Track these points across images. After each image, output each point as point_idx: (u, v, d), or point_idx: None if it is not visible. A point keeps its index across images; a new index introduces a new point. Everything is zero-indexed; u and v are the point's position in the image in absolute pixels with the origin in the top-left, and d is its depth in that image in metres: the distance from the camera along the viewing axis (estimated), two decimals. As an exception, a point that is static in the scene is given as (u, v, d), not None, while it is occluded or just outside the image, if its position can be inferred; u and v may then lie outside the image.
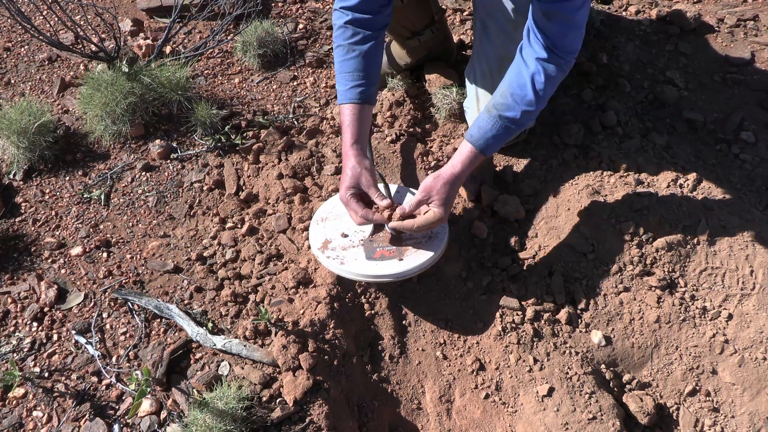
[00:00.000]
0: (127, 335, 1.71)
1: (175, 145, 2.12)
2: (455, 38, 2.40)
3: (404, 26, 2.10)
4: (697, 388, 1.68)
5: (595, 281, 1.75)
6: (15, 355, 1.69)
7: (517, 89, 1.58)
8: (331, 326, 1.67)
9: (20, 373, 1.60)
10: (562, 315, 1.72)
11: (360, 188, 1.64)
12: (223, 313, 1.73)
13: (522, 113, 1.58)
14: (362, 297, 1.76)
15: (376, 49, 1.68)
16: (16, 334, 1.73)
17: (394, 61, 2.26)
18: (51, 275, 1.84)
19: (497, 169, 2.01)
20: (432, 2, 2.11)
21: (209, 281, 1.80)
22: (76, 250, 1.88)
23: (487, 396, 1.67)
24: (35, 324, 1.74)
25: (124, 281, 1.81)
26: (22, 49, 2.53)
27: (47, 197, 2.02)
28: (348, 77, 1.66)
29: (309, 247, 1.80)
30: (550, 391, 1.62)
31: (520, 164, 2.01)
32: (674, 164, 1.97)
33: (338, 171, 1.99)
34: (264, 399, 1.56)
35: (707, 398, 1.68)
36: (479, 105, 1.93)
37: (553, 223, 1.85)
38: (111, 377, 1.64)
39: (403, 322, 1.76)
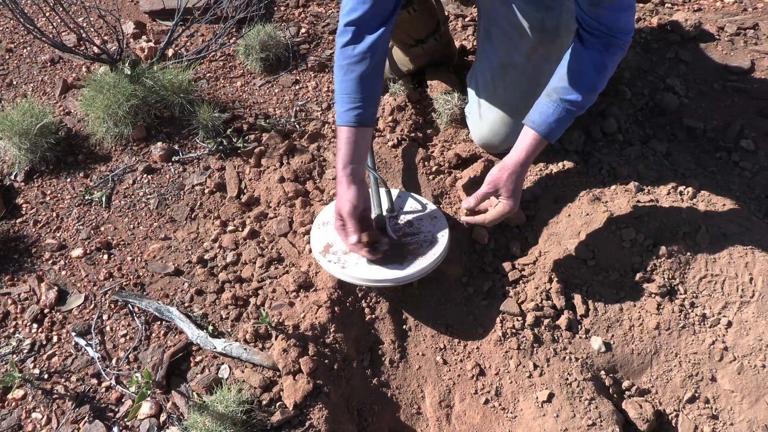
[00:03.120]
0: (128, 337, 1.71)
1: (176, 147, 2.12)
2: (457, 44, 2.41)
3: (409, 35, 2.10)
4: (696, 395, 1.68)
5: (595, 287, 1.76)
6: (14, 356, 1.68)
7: (576, 73, 1.58)
8: (331, 330, 1.67)
9: (20, 375, 1.60)
10: (562, 321, 1.72)
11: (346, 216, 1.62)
12: (224, 316, 1.73)
13: (584, 95, 1.59)
14: (363, 301, 1.76)
15: (375, 70, 1.63)
16: (16, 335, 1.73)
17: (396, 66, 2.26)
18: (51, 277, 1.84)
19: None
20: (438, 11, 2.12)
21: (210, 284, 1.80)
22: (77, 252, 1.88)
23: (486, 401, 1.67)
24: (35, 325, 1.74)
25: (124, 283, 1.81)
26: (25, 51, 2.53)
27: (48, 199, 2.02)
28: (346, 99, 1.61)
29: (310, 251, 1.81)
30: (550, 397, 1.62)
31: (520, 170, 2.02)
32: (674, 171, 1.98)
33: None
34: (264, 402, 1.56)
35: (706, 405, 1.68)
36: (481, 110, 1.94)
37: (554, 230, 1.85)
38: (111, 379, 1.64)
39: (404, 326, 1.76)
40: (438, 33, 2.14)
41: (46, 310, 1.77)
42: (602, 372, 1.69)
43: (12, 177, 2.08)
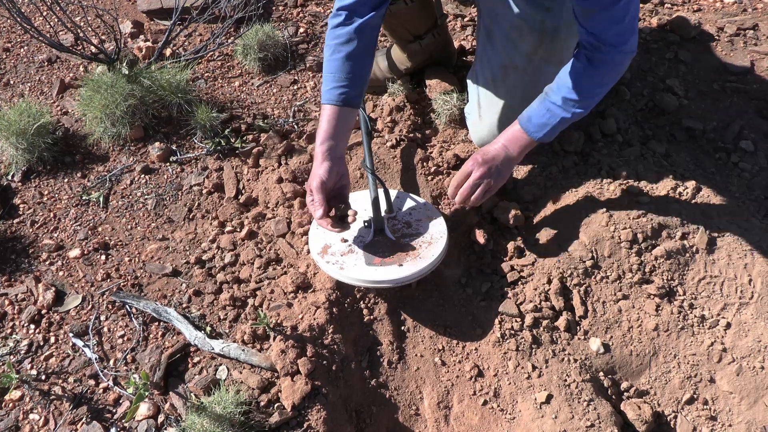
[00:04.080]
0: (125, 338, 1.71)
1: (174, 147, 2.11)
2: (456, 44, 2.40)
3: (407, 29, 2.10)
4: (695, 396, 1.68)
5: (593, 288, 1.76)
6: (12, 357, 1.68)
7: (564, 85, 1.61)
8: (329, 331, 1.67)
9: (17, 376, 1.60)
10: (561, 322, 1.72)
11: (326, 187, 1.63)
12: (222, 317, 1.73)
13: (568, 106, 1.61)
14: (361, 302, 1.76)
15: (363, 52, 1.65)
16: (13, 336, 1.73)
17: (394, 65, 2.26)
18: (49, 277, 1.83)
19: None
20: (436, 6, 2.12)
21: (208, 285, 1.79)
22: (75, 253, 1.88)
23: (485, 402, 1.67)
24: (32, 326, 1.74)
25: (122, 284, 1.80)
26: (22, 50, 2.52)
27: (46, 199, 2.01)
28: (331, 78, 1.64)
29: (308, 252, 1.80)
30: (549, 398, 1.62)
31: (520, 171, 2.02)
32: (673, 172, 1.98)
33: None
34: (262, 404, 1.56)
35: (705, 406, 1.68)
36: (480, 111, 1.93)
37: (553, 230, 1.85)
38: (108, 380, 1.63)
39: (402, 327, 1.75)
40: (436, 29, 2.13)
41: (43, 311, 1.76)
42: (601, 373, 1.69)
43: (9, 177, 2.07)
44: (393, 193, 1.83)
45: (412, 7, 2.01)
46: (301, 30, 2.53)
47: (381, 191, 1.79)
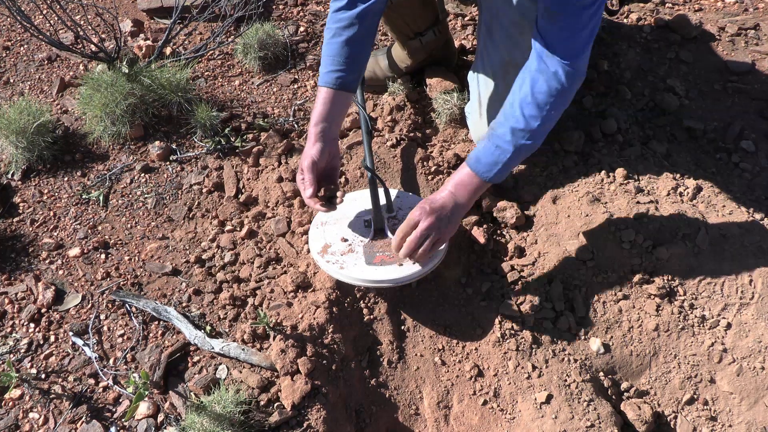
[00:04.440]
0: (125, 337, 1.70)
1: (174, 146, 2.11)
2: (456, 43, 2.40)
3: (407, 23, 2.09)
4: (695, 396, 1.68)
5: (594, 289, 1.75)
6: (12, 356, 1.68)
7: (510, 115, 1.55)
8: (329, 331, 1.67)
9: (17, 375, 1.60)
10: (561, 322, 1.72)
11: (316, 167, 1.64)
12: (222, 317, 1.73)
13: (521, 141, 1.55)
14: (361, 302, 1.76)
15: (363, 38, 1.66)
16: (13, 335, 1.72)
17: (395, 64, 2.26)
18: (49, 276, 1.83)
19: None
20: (438, 4, 2.12)
21: (208, 284, 1.79)
22: (74, 251, 1.88)
23: (485, 402, 1.66)
24: (32, 325, 1.74)
25: (122, 283, 1.80)
26: (22, 48, 2.52)
27: (45, 197, 2.01)
28: (329, 60, 1.65)
29: (308, 251, 1.80)
30: (549, 398, 1.62)
31: (520, 171, 2.01)
32: (674, 172, 1.97)
33: (339, 175, 1.99)
34: (262, 403, 1.56)
35: (705, 407, 1.68)
36: (481, 110, 1.93)
37: (553, 230, 1.85)
38: (108, 379, 1.63)
39: (402, 327, 1.75)
40: (437, 27, 2.13)
41: (43, 310, 1.76)
42: (601, 373, 1.69)
43: (9, 176, 2.07)
44: (393, 193, 1.83)
45: (413, 0, 2.01)
46: (302, 29, 2.53)
47: (381, 190, 1.79)
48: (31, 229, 1.94)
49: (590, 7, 1.47)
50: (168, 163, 2.08)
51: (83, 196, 2.00)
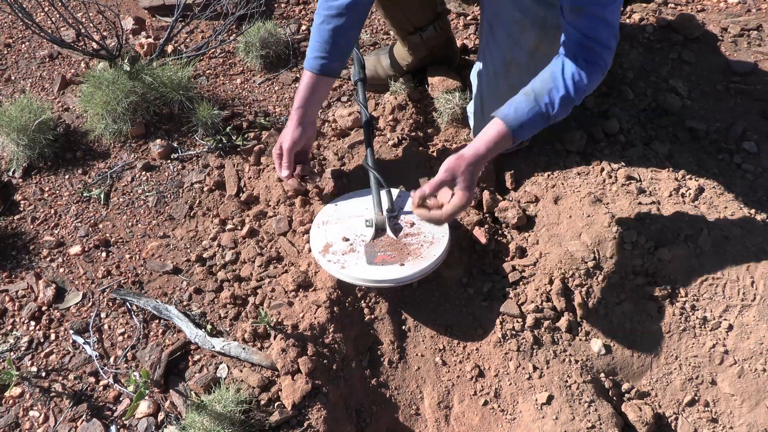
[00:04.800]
0: (125, 336, 1.70)
1: (175, 145, 2.11)
2: (458, 42, 2.40)
3: (407, 17, 2.09)
4: (696, 398, 1.68)
5: (595, 289, 1.75)
6: (12, 354, 1.68)
7: (555, 81, 1.57)
8: (330, 330, 1.66)
9: (17, 373, 1.60)
10: (563, 323, 1.72)
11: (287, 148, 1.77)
12: (222, 315, 1.73)
13: (559, 103, 1.57)
14: (362, 301, 1.76)
15: (350, 29, 1.73)
16: (14, 332, 1.72)
17: (396, 63, 2.25)
18: (49, 274, 1.83)
19: (499, 175, 2.01)
20: (439, 1, 2.12)
21: (208, 283, 1.79)
22: (75, 249, 1.87)
23: (485, 403, 1.66)
24: (33, 323, 1.73)
25: (122, 281, 1.80)
26: (23, 46, 2.52)
27: (46, 195, 2.01)
28: (316, 46, 1.72)
29: (310, 251, 1.80)
30: (549, 399, 1.62)
31: (521, 171, 2.01)
32: (676, 173, 1.97)
33: (341, 174, 1.99)
34: (262, 402, 1.55)
35: (706, 409, 1.67)
36: (483, 109, 1.92)
37: (555, 231, 1.85)
38: (108, 378, 1.63)
39: (403, 327, 1.75)
40: (437, 22, 2.13)
41: (43, 308, 1.76)
42: (602, 374, 1.69)
43: (10, 173, 2.07)
44: (394, 192, 1.83)
45: None
46: (303, 27, 2.53)
47: (383, 191, 1.78)
48: (31, 226, 1.94)
49: (612, 4, 1.51)
50: (169, 161, 2.08)
51: (84, 194, 2.00)
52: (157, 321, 1.72)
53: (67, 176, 2.06)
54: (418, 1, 2.08)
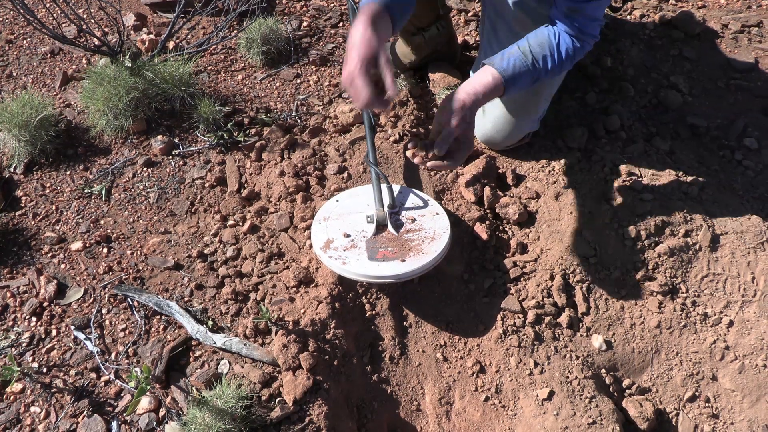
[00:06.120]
0: (127, 332, 1.70)
1: (177, 141, 2.11)
2: (459, 39, 2.40)
3: (410, 19, 2.09)
4: (697, 394, 1.68)
5: (596, 285, 1.75)
6: (13, 349, 1.68)
7: (548, 48, 1.59)
8: (331, 326, 1.67)
9: (18, 368, 1.59)
10: (563, 319, 1.72)
11: (373, 63, 1.38)
12: (224, 311, 1.73)
13: (549, 71, 1.60)
14: (363, 297, 1.76)
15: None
16: (15, 328, 1.72)
17: (398, 60, 2.26)
18: (51, 270, 1.83)
19: (500, 171, 2.01)
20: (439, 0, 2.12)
21: (210, 279, 1.79)
22: (77, 245, 1.87)
23: (486, 399, 1.66)
24: (34, 319, 1.73)
25: (124, 277, 1.80)
26: (25, 42, 2.51)
27: (48, 191, 2.01)
28: None
29: (311, 247, 1.80)
30: (550, 395, 1.62)
31: (523, 167, 2.01)
32: (677, 169, 1.97)
33: (341, 170, 1.99)
34: (263, 398, 1.56)
35: (707, 404, 1.68)
36: (484, 106, 1.92)
37: (556, 227, 1.85)
38: (110, 374, 1.63)
39: (404, 323, 1.75)
40: (440, 22, 2.13)
41: (45, 304, 1.76)
42: (603, 370, 1.69)
43: (11, 169, 2.07)
44: (396, 188, 1.83)
45: None
46: (305, 24, 2.53)
47: (384, 186, 1.78)
48: (33, 222, 1.94)
49: (603, 5, 1.58)
50: (170, 157, 2.07)
51: (85, 190, 2.00)
52: (158, 317, 1.72)
53: (68, 172, 2.06)
54: (421, 4, 2.08)
